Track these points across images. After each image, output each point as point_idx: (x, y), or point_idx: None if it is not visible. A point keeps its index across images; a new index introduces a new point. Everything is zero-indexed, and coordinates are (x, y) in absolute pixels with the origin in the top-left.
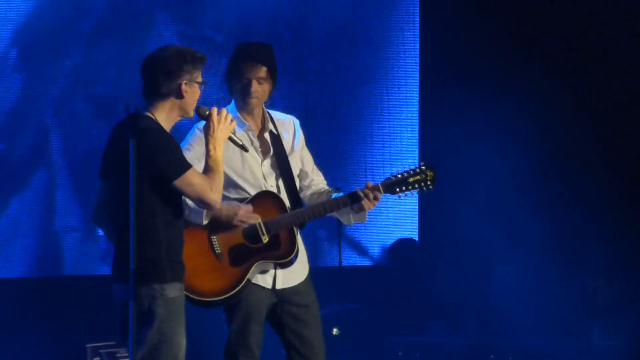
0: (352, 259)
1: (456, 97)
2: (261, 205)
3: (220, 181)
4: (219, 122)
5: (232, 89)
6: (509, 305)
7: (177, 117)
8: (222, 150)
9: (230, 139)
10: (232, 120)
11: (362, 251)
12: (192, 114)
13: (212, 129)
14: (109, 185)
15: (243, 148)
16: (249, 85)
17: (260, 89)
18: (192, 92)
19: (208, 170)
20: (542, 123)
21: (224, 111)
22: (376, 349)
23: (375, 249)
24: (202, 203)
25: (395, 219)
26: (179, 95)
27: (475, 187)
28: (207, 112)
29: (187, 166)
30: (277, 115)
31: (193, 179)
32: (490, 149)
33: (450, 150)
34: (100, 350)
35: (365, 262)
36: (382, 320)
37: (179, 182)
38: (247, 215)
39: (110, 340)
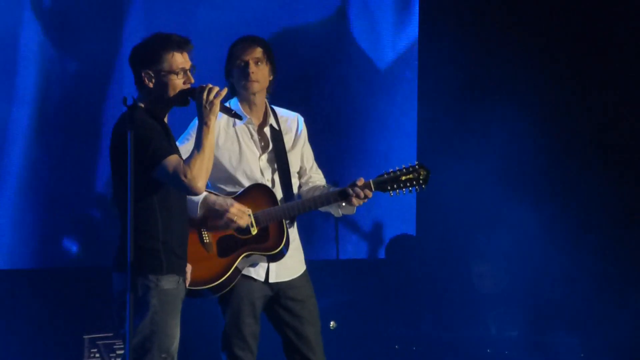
0: (349, 252)
1: (454, 94)
2: (252, 198)
3: (201, 166)
4: (201, 98)
5: (232, 80)
6: (505, 299)
7: (163, 107)
8: (211, 133)
9: (222, 108)
10: (219, 91)
11: (360, 244)
12: (178, 102)
13: (200, 106)
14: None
15: (236, 116)
16: (246, 67)
17: (258, 71)
18: (161, 82)
19: (191, 154)
20: (541, 117)
21: (209, 85)
22: (372, 342)
23: (372, 243)
24: (182, 190)
25: (393, 213)
26: (147, 87)
27: (473, 182)
28: (195, 91)
29: (163, 155)
30: (281, 111)
31: (168, 167)
32: (488, 143)
33: (448, 144)
34: (98, 342)
35: (363, 256)
36: (378, 314)
37: (155, 174)
38: (239, 215)
39: (107, 332)
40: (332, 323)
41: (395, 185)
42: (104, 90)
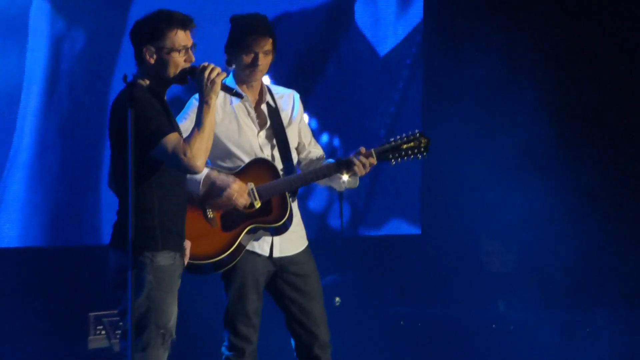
0: (354, 230)
1: (458, 85)
2: (254, 172)
3: (201, 144)
4: (202, 77)
5: (234, 61)
6: (510, 276)
7: (163, 84)
8: (211, 112)
9: (223, 87)
10: (219, 73)
11: (364, 222)
12: (177, 80)
13: (202, 85)
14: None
15: (237, 95)
16: (256, 59)
17: (265, 62)
18: (163, 59)
19: (191, 132)
20: (548, 97)
21: (211, 65)
22: (378, 319)
23: (377, 220)
24: (181, 168)
25: (398, 190)
26: (148, 63)
27: (477, 163)
28: (196, 69)
29: (162, 134)
30: (276, 88)
31: (167, 147)
32: (495, 126)
33: (453, 127)
34: (103, 319)
35: (367, 233)
36: (384, 291)
37: (154, 153)
38: (239, 192)
39: (113, 309)
40: (336, 299)
41: (397, 154)
42: (112, 69)
